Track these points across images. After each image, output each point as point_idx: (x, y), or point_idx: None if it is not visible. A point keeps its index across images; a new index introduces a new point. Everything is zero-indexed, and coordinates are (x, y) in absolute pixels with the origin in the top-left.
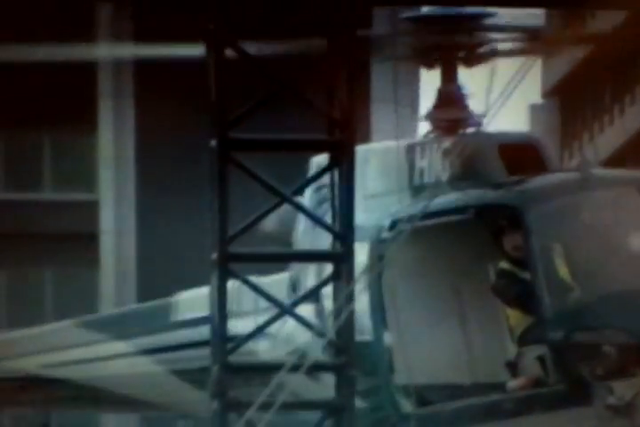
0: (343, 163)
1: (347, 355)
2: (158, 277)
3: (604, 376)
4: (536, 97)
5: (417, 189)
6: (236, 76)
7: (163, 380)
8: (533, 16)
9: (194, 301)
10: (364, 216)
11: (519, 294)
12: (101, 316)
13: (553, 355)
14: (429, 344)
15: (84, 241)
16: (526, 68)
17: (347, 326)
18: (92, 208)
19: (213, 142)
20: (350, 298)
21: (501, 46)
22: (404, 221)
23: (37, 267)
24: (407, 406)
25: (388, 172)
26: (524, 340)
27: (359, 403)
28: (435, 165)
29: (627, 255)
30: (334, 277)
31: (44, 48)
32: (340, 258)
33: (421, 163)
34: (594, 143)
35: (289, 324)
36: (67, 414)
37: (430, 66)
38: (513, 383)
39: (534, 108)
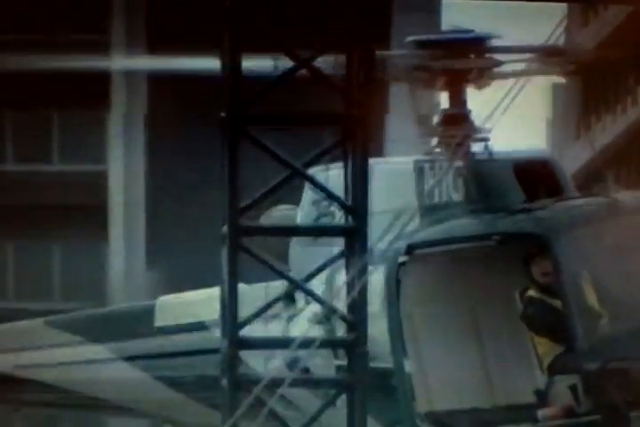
0: (357, 136)
1: (359, 331)
2: (168, 250)
3: (638, 406)
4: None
5: (426, 209)
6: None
7: (143, 385)
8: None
9: (176, 307)
10: (372, 235)
11: (549, 322)
12: (74, 316)
13: (586, 384)
14: (449, 370)
15: (93, 213)
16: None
17: (359, 302)
18: (101, 180)
19: (224, 115)
20: (363, 272)
21: (509, 67)
22: (421, 245)
23: (45, 239)
24: None
25: (394, 190)
26: (553, 368)
27: None
28: (446, 185)
29: None
30: (346, 252)
31: (58, 58)
32: (353, 232)
33: (431, 181)
34: (590, 136)
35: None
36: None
37: (435, 87)
38: (544, 412)
39: (557, 88)
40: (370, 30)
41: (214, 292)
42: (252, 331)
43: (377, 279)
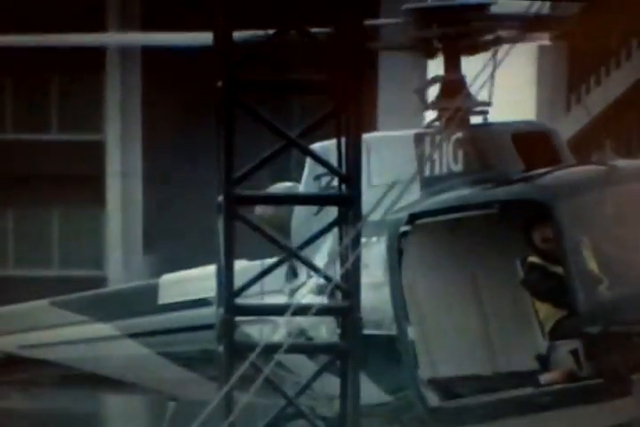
0: (349, 107)
1: (352, 298)
2: (164, 219)
3: (639, 369)
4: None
5: (427, 181)
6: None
7: (147, 361)
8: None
9: (179, 284)
10: (369, 207)
11: (550, 287)
12: (77, 296)
13: (587, 349)
14: (450, 337)
15: (91, 182)
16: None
17: (353, 270)
18: (98, 149)
19: (220, 84)
20: (357, 241)
21: (501, 34)
22: (423, 215)
23: (44, 207)
24: (434, 399)
25: (394, 162)
26: (555, 333)
27: (388, 398)
28: (446, 156)
29: None
30: (340, 221)
31: (55, 34)
32: (346, 201)
33: (431, 153)
34: (584, 103)
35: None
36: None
37: (432, 55)
38: (546, 377)
39: (543, 50)
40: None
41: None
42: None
43: (378, 249)
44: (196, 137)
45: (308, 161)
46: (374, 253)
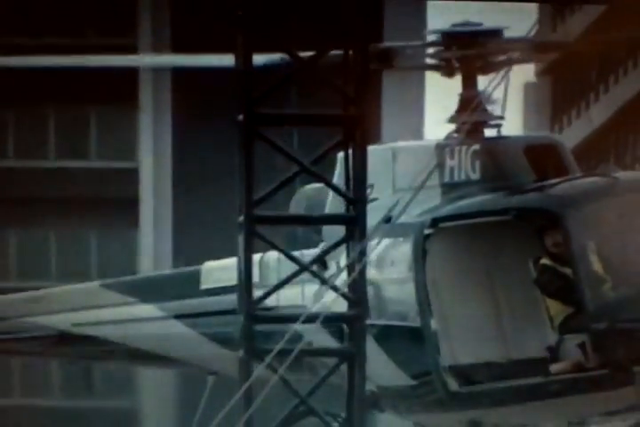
0: (356, 136)
1: (359, 307)
2: (192, 238)
3: None
4: (530, 76)
5: (447, 187)
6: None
7: (191, 340)
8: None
9: (220, 271)
10: (397, 210)
11: (560, 287)
12: (130, 278)
13: (593, 342)
14: (469, 328)
15: (126, 205)
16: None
17: (359, 281)
18: (133, 175)
19: (240, 117)
20: (362, 256)
21: (512, 55)
22: (445, 219)
23: (83, 228)
24: (454, 384)
25: (416, 168)
26: (564, 328)
27: (412, 382)
28: (465, 165)
29: None
30: (347, 238)
31: (87, 55)
32: (353, 221)
33: (451, 162)
34: (589, 115)
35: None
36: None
37: (451, 75)
38: (556, 367)
39: (528, 86)
40: (364, 32)
41: (254, 258)
42: (290, 293)
43: (405, 249)
44: (222, 162)
45: (337, 168)
46: (400, 252)
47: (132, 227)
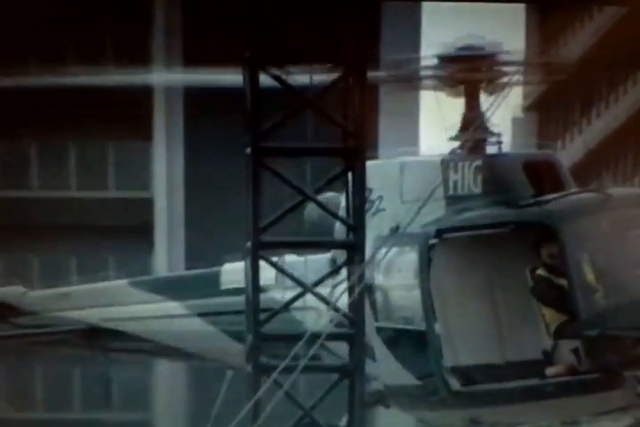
0: (356, 167)
1: (358, 326)
2: (204, 261)
3: (630, 366)
4: (518, 112)
5: (451, 199)
6: (268, 96)
7: (212, 336)
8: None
9: (240, 272)
10: (404, 220)
11: (555, 296)
12: (155, 277)
13: (586, 348)
14: (470, 333)
15: (141, 233)
16: (505, 94)
17: (358, 303)
18: (147, 204)
19: (248, 150)
20: (361, 278)
21: (513, 77)
22: (448, 231)
23: (101, 253)
24: (456, 384)
25: (423, 182)
26: (558, 334)
27: (417, 382)
28: (468, 180)
29: None
30: (348, 262)
31: (101, 73)
32: (353, 246)
33: (455, 177)
34: (584, 138)
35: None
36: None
37: (456, 95)
38: (551, 370)
39: (516, 121)
40: (362, 63)
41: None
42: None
43: (411, 257)
44: (232, 190)
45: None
46: (407, 260)
47: (148, 251)
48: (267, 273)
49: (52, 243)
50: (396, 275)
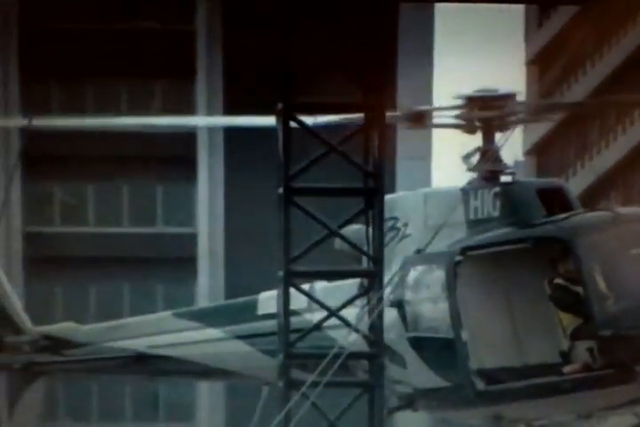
0: (375, 205)
1: (377, 346)
2: (242, 290)
3: None
4: (519, 155)
5: (472, 223)
6: (297, 142)
7: (251, 356)
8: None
9: (274, 299)
10: (426, 242)
11: (572, 302)
12: (194, 308)
13: (601, 347)
14: (494, 338)
15: (186, 264)
16: (510, 133)
17: (377, 324)
18: (191, 239)
19: (280, 189)
20: (379, 303)
21: (524, 116)
22: (472, 248)
23: (151, 282)
24: (481, 384)
25: (444, 208)
26: (575, 336)
27: (445, 384)
28: (487, 205)
29: None
30: (368, 289)
31: (144, 118)
32: (373, 275)
33: (475, 203)
34: (593, 166)
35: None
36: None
37: (473, 132)
38: (568, 368)
39: (517, 164)
40: (381, 113)
41: (304, 288)
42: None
43: (438, 274)
44: (268, 224)
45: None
46: (435, 277)
47: (192, 281)
48: (300, 298)
49: (108, 273)
50: (425, 290)
